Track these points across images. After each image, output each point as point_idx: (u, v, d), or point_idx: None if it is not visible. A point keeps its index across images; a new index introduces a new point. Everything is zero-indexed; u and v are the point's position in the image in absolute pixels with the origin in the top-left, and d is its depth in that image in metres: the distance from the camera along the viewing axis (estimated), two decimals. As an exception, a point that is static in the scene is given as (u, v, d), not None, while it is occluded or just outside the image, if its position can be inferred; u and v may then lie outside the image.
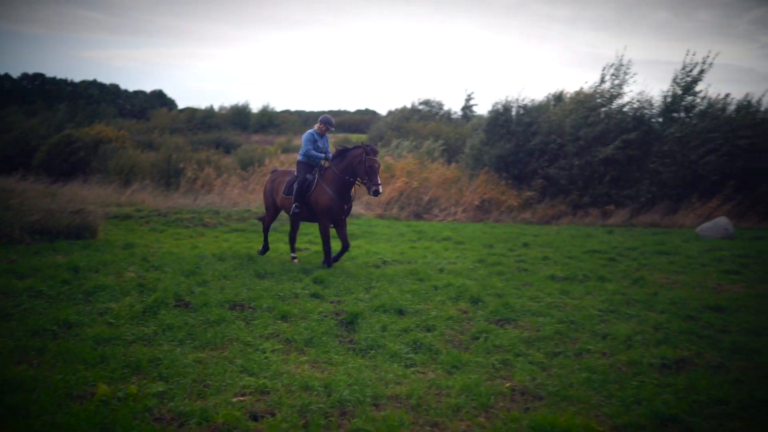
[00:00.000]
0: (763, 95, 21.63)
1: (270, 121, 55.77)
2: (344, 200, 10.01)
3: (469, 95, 41.87)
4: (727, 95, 21.42)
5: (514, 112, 22.04)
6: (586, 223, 18.76)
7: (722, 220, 15.56)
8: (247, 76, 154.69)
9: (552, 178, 20.56)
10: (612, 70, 21.50)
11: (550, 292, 8.85)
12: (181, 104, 68.33)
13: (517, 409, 4.90)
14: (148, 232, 13.89)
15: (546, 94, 27.00)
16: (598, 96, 21.36)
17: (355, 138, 40.42)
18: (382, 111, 66.31)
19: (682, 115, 21.30)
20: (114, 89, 74.49)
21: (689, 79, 21.04)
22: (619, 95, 21.40)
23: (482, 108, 40.40)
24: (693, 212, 19.21)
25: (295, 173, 10.50)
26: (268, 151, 30.57)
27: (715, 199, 19.26)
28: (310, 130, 10.54)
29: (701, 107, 21.27)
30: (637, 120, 21.03)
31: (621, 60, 21.45)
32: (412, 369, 5.68)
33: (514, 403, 5.02)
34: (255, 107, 58.44)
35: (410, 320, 7.06)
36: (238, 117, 56.47)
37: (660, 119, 21.44)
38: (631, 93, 22.25)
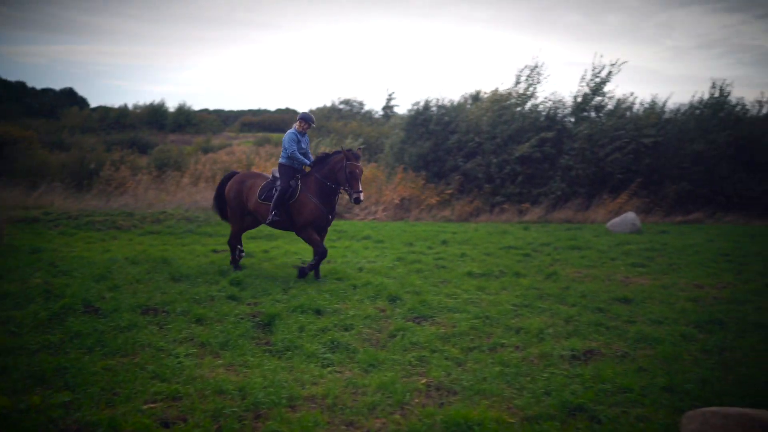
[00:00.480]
0: (668, 97, 22.68)
1: (187, 121, 54.43)
2: (330, 209, 9.49)
3: (390, 95, 41.96)
4: (632, 94, 22.41)
5: (433, 112, 22.32)
6: (503, 220, 19.18)
7: (630, 216, 16.22)
8: (163, 74, 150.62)
9: (470, 174, 20.93)
10: (527, 72, 22.06)
11: (467, 288, 9.01)
12: (93, 103, 65.69)
13: (432, 404, 4.97)
14: (56, 236, 13.33)
15: (463, 93, 27.47)
16: (513, 96, 21.88)
17: (276, 137, 40.00)
18: (303, 110, 65.77)
19: (592, 114, 22.09)
20: (20, 87, 71.14)
21: (598, 80, 21.84)
22: (534, 95, 21.98)
23: (403, 108, 40.64)
24: (604, 208, 19.94)
25: (264, 176, 9.95)
26: (186, 150, 29.86)
27: (623, 195, 20.07)
28: (291, 130, 9.70)
29: (610, 107, 22.13)
30: (551, 119, 21.67)
31: (536, 62, 22.07)
32: (329, 369, 5.67)
33: (429, 399, 5.09)
34: (172, 106, 56.99)
35: (328, 320, 7.05)
36: (154, 116, 54.81)
37: (572, 118, 22.17)
38: (545, 93, 22.93)
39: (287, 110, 64.16)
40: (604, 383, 5.36)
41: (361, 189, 9.21)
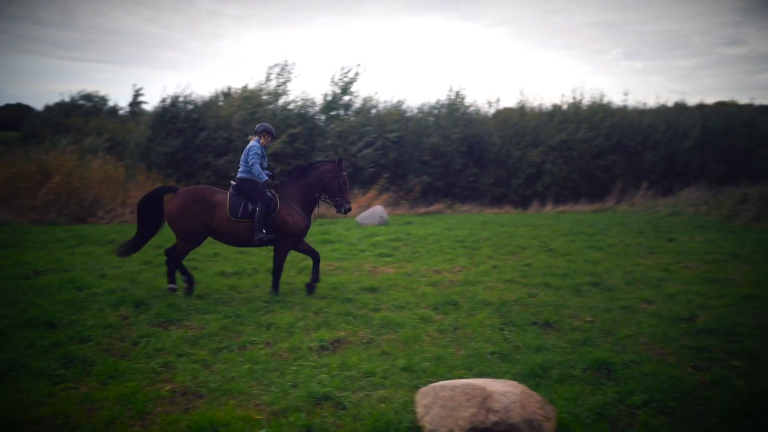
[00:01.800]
0: (406, 96, 24.37)
1: None
2: (309, 219, 8.96)
3: (137, 90, 39.93)
4: (377, 93, 23.70)
5: (181, 108, 21.57)
6: (258, 218, 19.13)
7: (378, 209, 17.07)
8: None
9: (222, 172, 20.58)
10: (277, 70, 22.22)
11: (218, 288, 8.83)
12: None
13: (177, 410, 4.77)
14: None
15: (215, 89, 26.89)
16: (264, 93, 21.93)
17: (5, 135, 36.11)
18: (38, 105, 59.93)
19: (342, 112, 22.92)
20: None
21: (347, 79, 22.71)
22: (285, 93, 22.21)
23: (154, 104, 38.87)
24: (356, 203, 20.76)
25: (221, 191, 8.71)
26: None
27: (373, 189, 21.08)
28: (255, 143, 8.89)
29: (357, 105, 23.14)
30: (302, 117, 22.07)
31: (286, 60, 22.31)
32: (62, 386, 5.18)
33: (174, 405, 4.88)
34: None
35: (62, 333, 6.45)
36: None
37: (323, 116, 22.80)
38: (296, 91, 23.29)
39: (19, 106, 57.57)
40: (350, 370, 5.56)
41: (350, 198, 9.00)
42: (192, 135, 21.07)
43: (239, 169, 8.85)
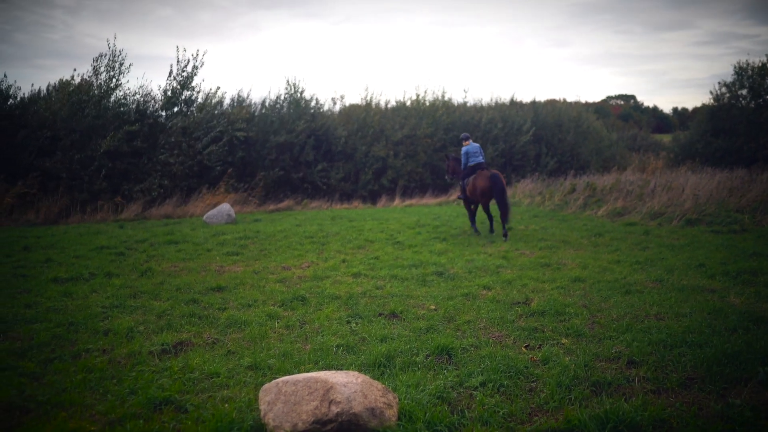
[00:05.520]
0: (250, 90, 24.04)
1: None
2: None
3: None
4: (219, 88, 23.21)
5: (14, 102, 19.93)
6: (97, 220, 18.12)
7: (225, 207, 16.70)
8: None
9: (51, 173, 19.24)
10: (106, 62, 21.01)
11: (50, 296, 8.26)
12: None
13: (1, 429, 4.41)
14: None
15: (36, 86, 25.05)
16: (95, 88, 20.67)
17: None
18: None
19: (184, 108, 22.18)
20: None
21: (185, 74, 21.98)
22: (118, 87, 21.08)
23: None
24: (203, 202, 20.22)
25: None
26: None
27: (221, 188, 20.62)
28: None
29: (200, 100, 22.49)
30: (140, 112, 21.10)
31: (114, 52, 21.07)
32: None
33: (-5, 424, 4.51)
34: None
35: None
36: None
37: (164, 112, 21.94)
38: (131, 86, 22.31)
39: None
40: (193, 372, 5.40)
41: None
42: (11, 134, 19.49)
43: None
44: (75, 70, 32.42)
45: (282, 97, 24.80)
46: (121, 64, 20.90)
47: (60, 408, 4.73)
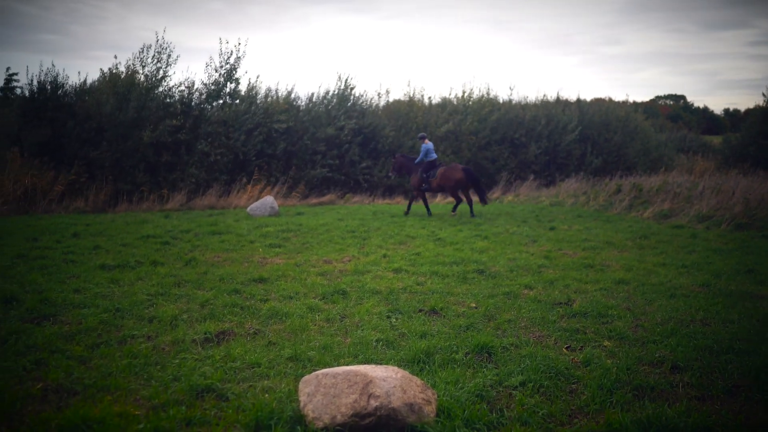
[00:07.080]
0: (294, 84, 24.22)
1: None
2: None
3: (10, 75, 37.42)
4: (258, 77, 23.44)
5: (51, 93, 20.41)
6: (143, 209, 18.49)
7: (268, 199, 16.87)
8: None
9: (96, 162, 19.68)
10: (152, 53, 21.33)
11: (98, 282, 8.46)
12: None
13: (49, 409, 4.54)
14: None
15: (88, 77, 25.62)
16: (141, 78, 21.03)
17: None
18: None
19: (228, 100, 22.43)
20: None
21: (228, 66, 22.21)
22: (165, 78, 21.41)
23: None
24: (246, 193, 20.46)
25: None
26: None
27: (264, 180, 20.83)
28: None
29: (242, 93, 22.72)
30: (185, 104, 21.42)
31: (162, 44, 21.39)
32: None
33: (45, 404, 4.64)
34: None
35: None
36: None
37: (207, 104, 22.22)
38: (178, 77, 22.67)
39: None
40: (234, 361, 5.48)
41: None
42: (64, 122, 19.98)
43: None
44: (116, 57, 32.44)
45: (331, 93, 24.89)
46: (169, 56, 21.23)
47: (105, 392, 4.84)
